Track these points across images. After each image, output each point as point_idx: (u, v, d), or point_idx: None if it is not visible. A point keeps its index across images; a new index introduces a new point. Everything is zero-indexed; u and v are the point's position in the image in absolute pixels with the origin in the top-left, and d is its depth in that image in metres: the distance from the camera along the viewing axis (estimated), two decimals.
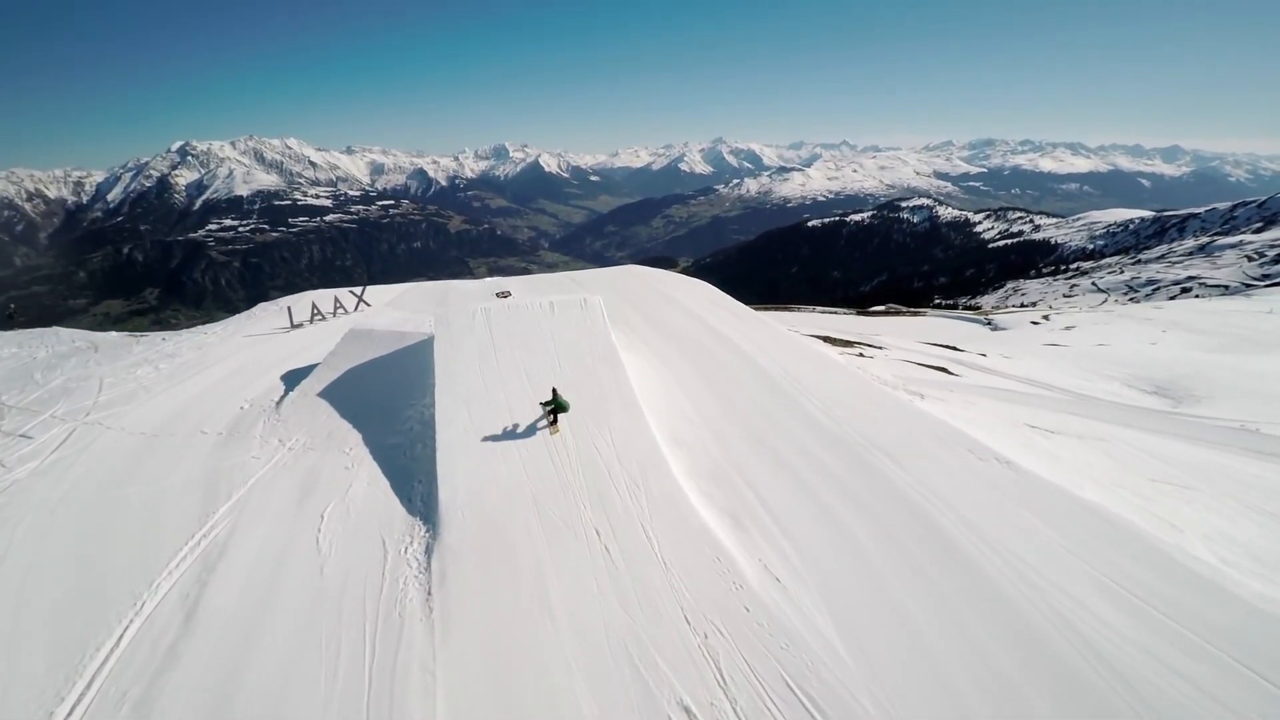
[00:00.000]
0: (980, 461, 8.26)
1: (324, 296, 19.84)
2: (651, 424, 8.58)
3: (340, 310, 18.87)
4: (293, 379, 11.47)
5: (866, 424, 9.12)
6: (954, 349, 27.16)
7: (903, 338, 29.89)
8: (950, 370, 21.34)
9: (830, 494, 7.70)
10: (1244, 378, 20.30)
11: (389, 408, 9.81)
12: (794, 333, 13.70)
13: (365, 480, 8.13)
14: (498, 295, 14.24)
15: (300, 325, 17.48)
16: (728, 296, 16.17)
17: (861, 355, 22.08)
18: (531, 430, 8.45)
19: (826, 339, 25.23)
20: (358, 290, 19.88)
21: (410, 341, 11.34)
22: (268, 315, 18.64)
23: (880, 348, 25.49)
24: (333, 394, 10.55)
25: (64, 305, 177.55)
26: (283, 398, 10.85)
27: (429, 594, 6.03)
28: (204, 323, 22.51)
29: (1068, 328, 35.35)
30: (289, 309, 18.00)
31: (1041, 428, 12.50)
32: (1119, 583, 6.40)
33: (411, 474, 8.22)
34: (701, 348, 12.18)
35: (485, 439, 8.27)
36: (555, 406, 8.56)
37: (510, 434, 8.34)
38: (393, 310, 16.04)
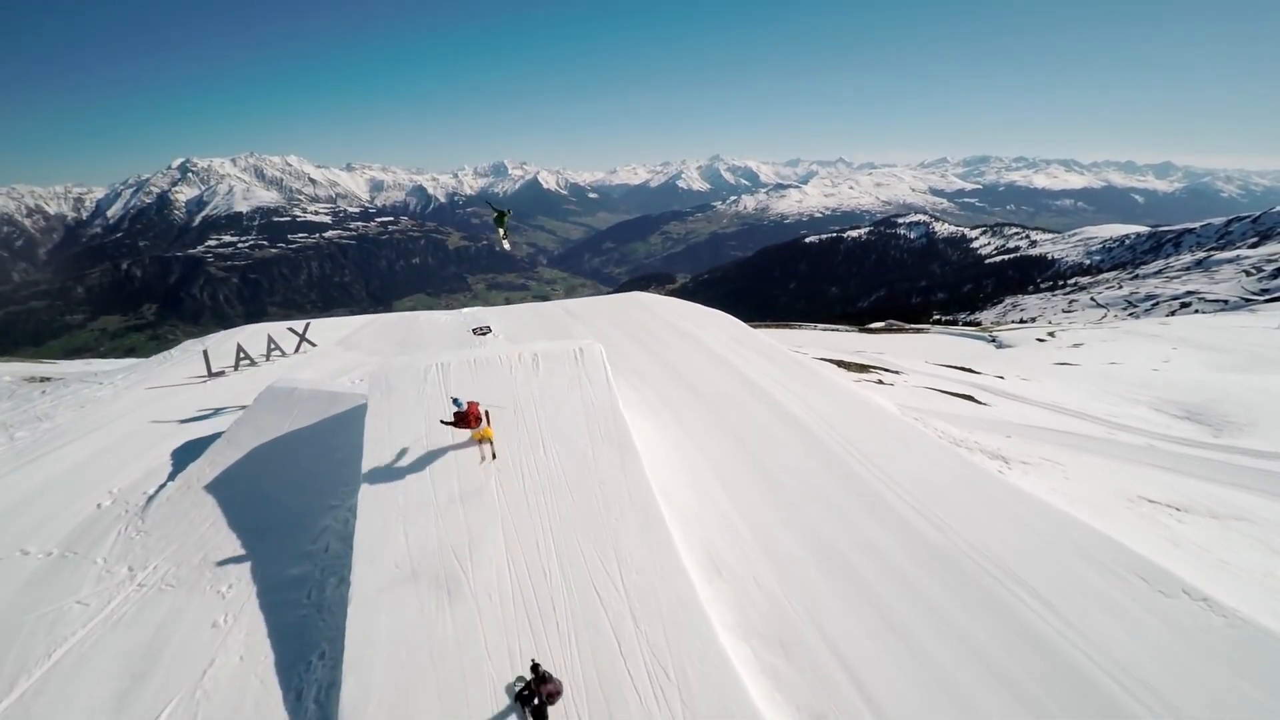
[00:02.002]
0: (1165, 598, 5.56)
1: (256, 335, 15.92)
2: (679, 545, 5.77)
3: (276, 352, 15.16)
4: (185, 457, 8.54)
5: (979, 529, 6.42)
6: (970, 371, 25.70)
7: (912, 358, 28.40)
8: (977, 398, 19.55)
9: (963, 668, 4.94)
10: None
11: (301, 512, 6.96)
12: (840, 378, 11.11)
13: (239, 650, 5.29)
14: (474, 332, 11.56)
15: (222, 373, 14.01)
16: (753, 331, 13.39)
17: (880, 382, 20.39)
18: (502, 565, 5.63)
19: (840, 363, 23.68)
20: (299, 327, 16.02)
21: (343, 406, 8.45)
22: (187, 359, 14.95)
23: (897, 372, 23.69)
24: (227, 486, 7.60)
25: (61, 321, 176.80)
26: (158, 490, 7.91)
27: None
28: (201, 335, 19.49)
29: (1076, 345, 34.32)
30: (205, 353, 14.40)
31: (1161, 503, 9.98)
32: None
33: (313, 637, 5.41)
34: (733, 405, 9.37)
35: (428, 584, 5.33)
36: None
37: (469, 572, 5.48)
38: (343, 352, 13.22)
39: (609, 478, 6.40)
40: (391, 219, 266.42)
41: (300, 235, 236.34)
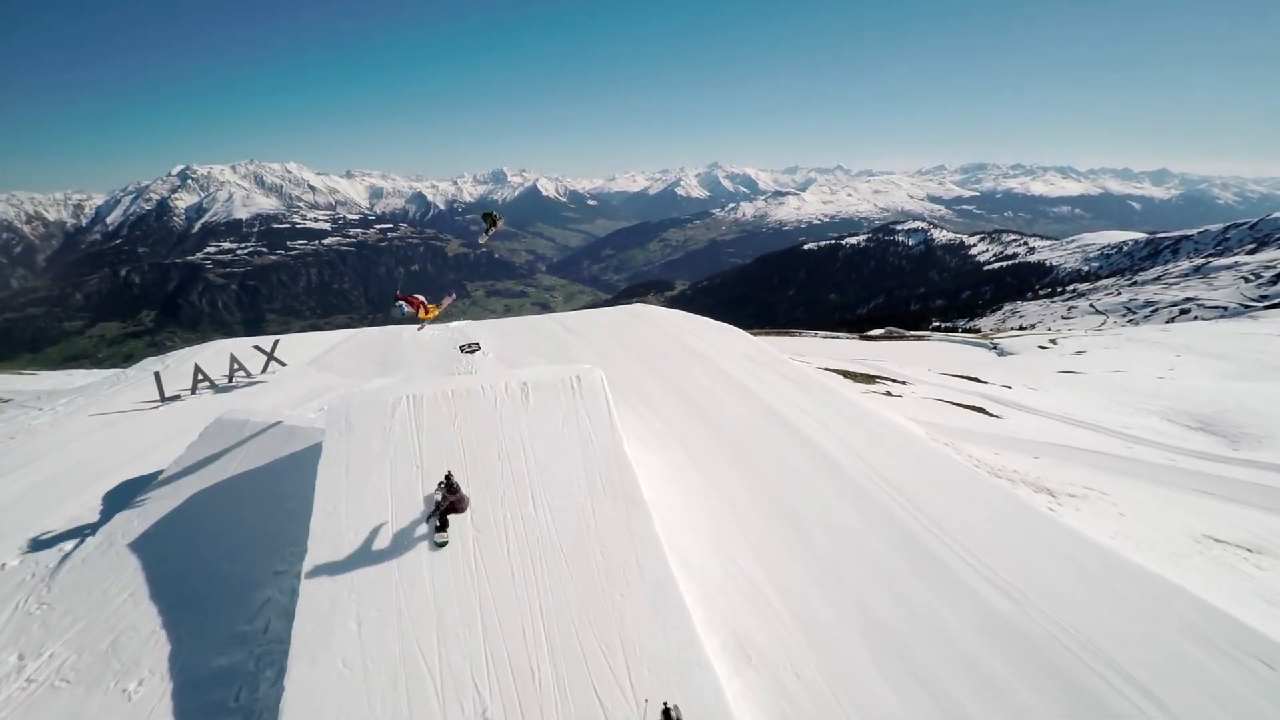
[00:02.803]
0: None
1: (220, 354, 14.01)
2: (700, 627, 4.75)
3: (240, 373, 13.33)
4: (116, 503, 7.39)
5: (1056, 596, 5.39)
6: (976, 380, 25.24)
7: (916, 366, 28.09)
8: (988, 410, 19.00)
9: None
10: None
11: (239, 579, 5.76)
12: (867, 401, 10.09)
13: None
14: (462, 350, 10.40)
15: (176, 398, 12.44)
16: (770, 349, 12.35)
17: (889, 394, 19.84)
18: (476, 654, 4.54)
19: (845, 373, 23.09)
20: (267, 344, 14.23)
21: (300, 444, 7.25)
22: (143, 379, 13.28)
23: (904, 382, 23.14)
24: (156, 545, 6.35)
25: (59, 327, 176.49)
26: (76, 548, 6.58)
27: None
28: (199, 343, 18.11)
29: (1078, 352, 34.13)
30: (157, 375, 12.69)
31: (1230, 543, 9.00)
32: None
33: None
34: (754, 438, 8.37)
35: (383, 691, 4.28)
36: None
37: (435, 675, 4.41)
38: (315, 373, 12.14)
39: (612, 540, 5.30)
40: (391, 226, 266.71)
41: (300, 242, 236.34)
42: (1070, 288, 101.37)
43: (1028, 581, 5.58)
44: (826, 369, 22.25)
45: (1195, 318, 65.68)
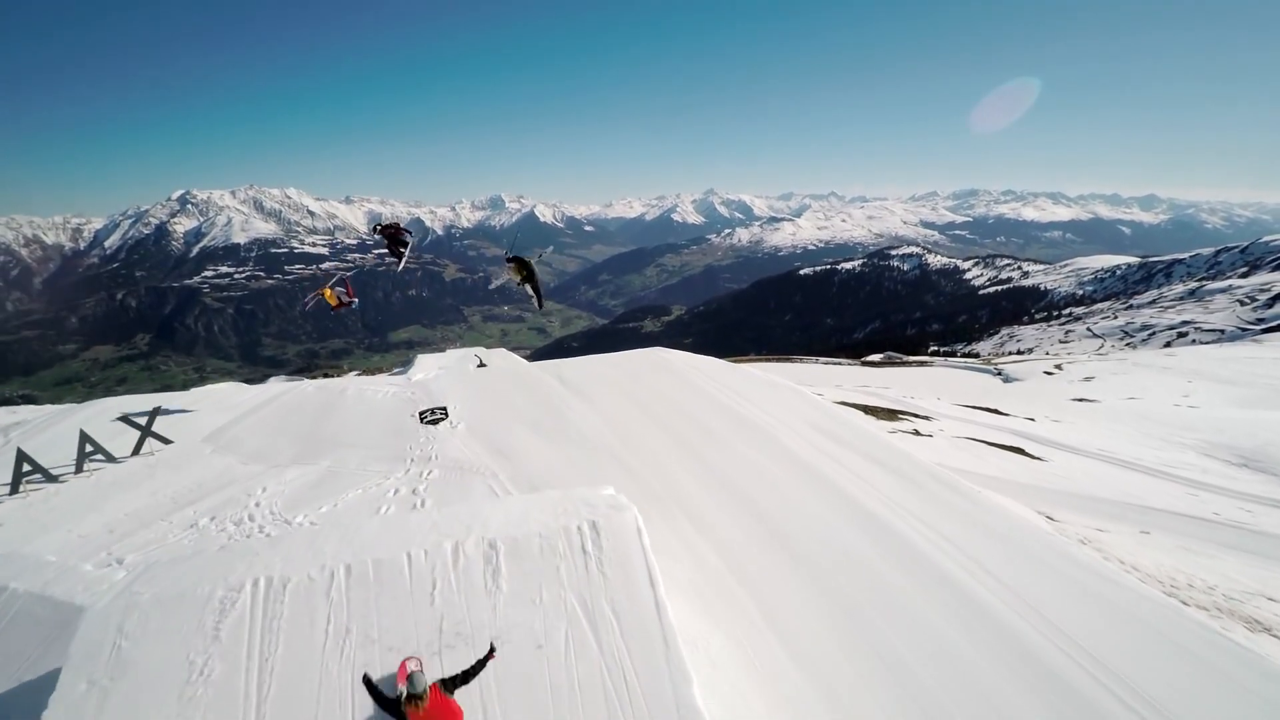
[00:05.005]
0: None
1: (77, 424, 9.32)
2: None
3: (95, 457, 8.73)
4: None
5: None
6: (996, 412, 23.71)
7: (926, 395, 26.57)
8: (1028, 451, 17.37)
9: None
10: None
11: None
12: (990, 497, 6.96)
13: None
14: (423, 419, 7.03)
15: None
16: (836, 410, 9.08)
17: (917, 433, 18.27)
18: None
19: (865, 408, 21.55)
20: (149, 410, 9.62)
21: (63, 651, 3.29)
22: None
23: (927, 418, 21.54)
24: None
25: (53, 350, 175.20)
26: None
27: None
28: (194, 369, 14.31)
29: (1087, 379, 32.65)
30: None
31: None
32: None
33: None
34: (855, 573, 5.43)
35: None
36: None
37: None
38: (210, 455, 8.08)
39: None
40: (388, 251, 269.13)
41: (297, 266, 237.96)
42: (1066, 311, 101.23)
43: None
44: (843, 403, 20.63)
45: (1193, 341, 65.20)
